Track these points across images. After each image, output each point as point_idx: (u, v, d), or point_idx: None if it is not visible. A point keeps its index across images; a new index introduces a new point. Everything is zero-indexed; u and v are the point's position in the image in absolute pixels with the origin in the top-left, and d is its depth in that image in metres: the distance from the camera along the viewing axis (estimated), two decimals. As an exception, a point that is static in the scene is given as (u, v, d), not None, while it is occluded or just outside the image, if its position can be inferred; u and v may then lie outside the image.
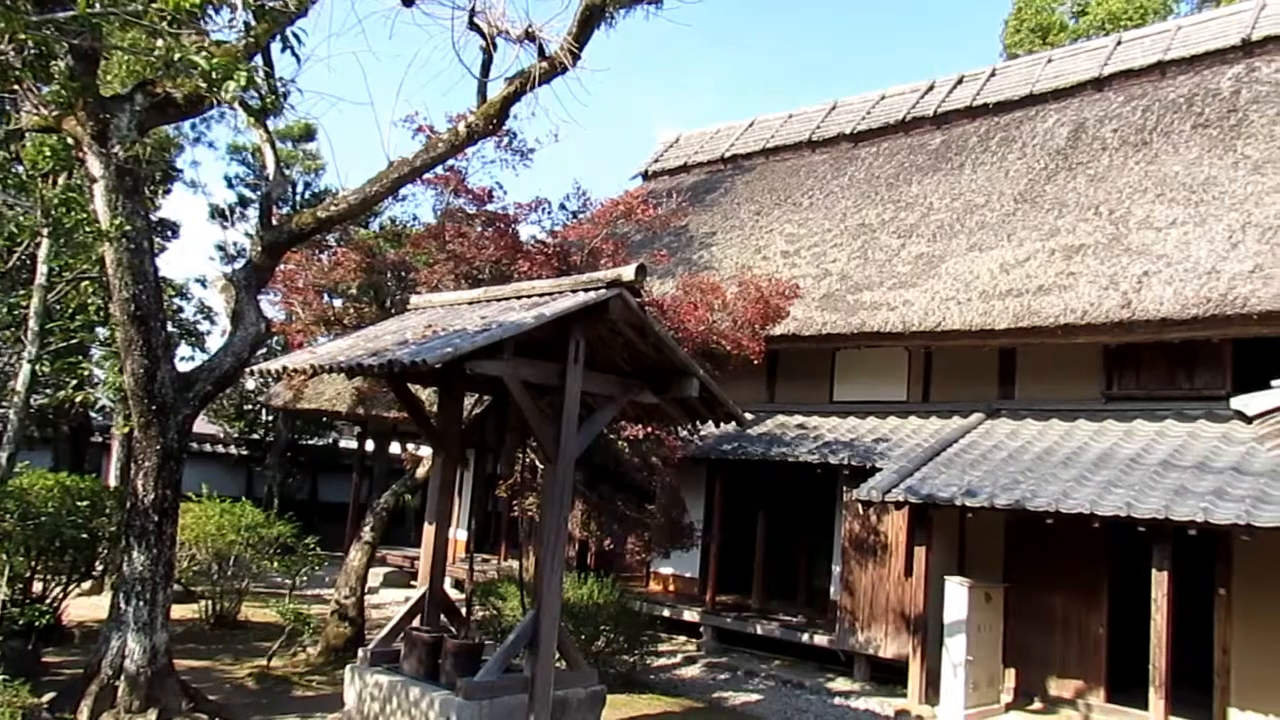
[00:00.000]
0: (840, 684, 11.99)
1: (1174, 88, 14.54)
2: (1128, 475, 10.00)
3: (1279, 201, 11.18)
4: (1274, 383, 4.60)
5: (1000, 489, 10.23)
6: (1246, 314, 10.16)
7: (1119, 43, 16.50)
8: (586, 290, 6.76)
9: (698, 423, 9.10)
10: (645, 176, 21.78)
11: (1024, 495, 9.94)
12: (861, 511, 12.22)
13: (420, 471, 11.89)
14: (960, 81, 17.98)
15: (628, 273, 6.63)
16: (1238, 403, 4.70)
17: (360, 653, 7.97)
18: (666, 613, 14.18)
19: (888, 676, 11.80)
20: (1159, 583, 9.40)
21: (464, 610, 8.53)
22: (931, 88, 18.32)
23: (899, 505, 10.95)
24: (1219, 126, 13.08)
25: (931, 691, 10.80)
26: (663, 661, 12.72)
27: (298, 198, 23.01)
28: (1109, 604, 11.11)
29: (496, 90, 8.31)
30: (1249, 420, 4.67)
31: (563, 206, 11.65)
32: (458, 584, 14.50)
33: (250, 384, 22.87)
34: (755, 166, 19.65)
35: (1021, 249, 12.78)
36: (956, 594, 10.71)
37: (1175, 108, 14.03)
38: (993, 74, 17.81)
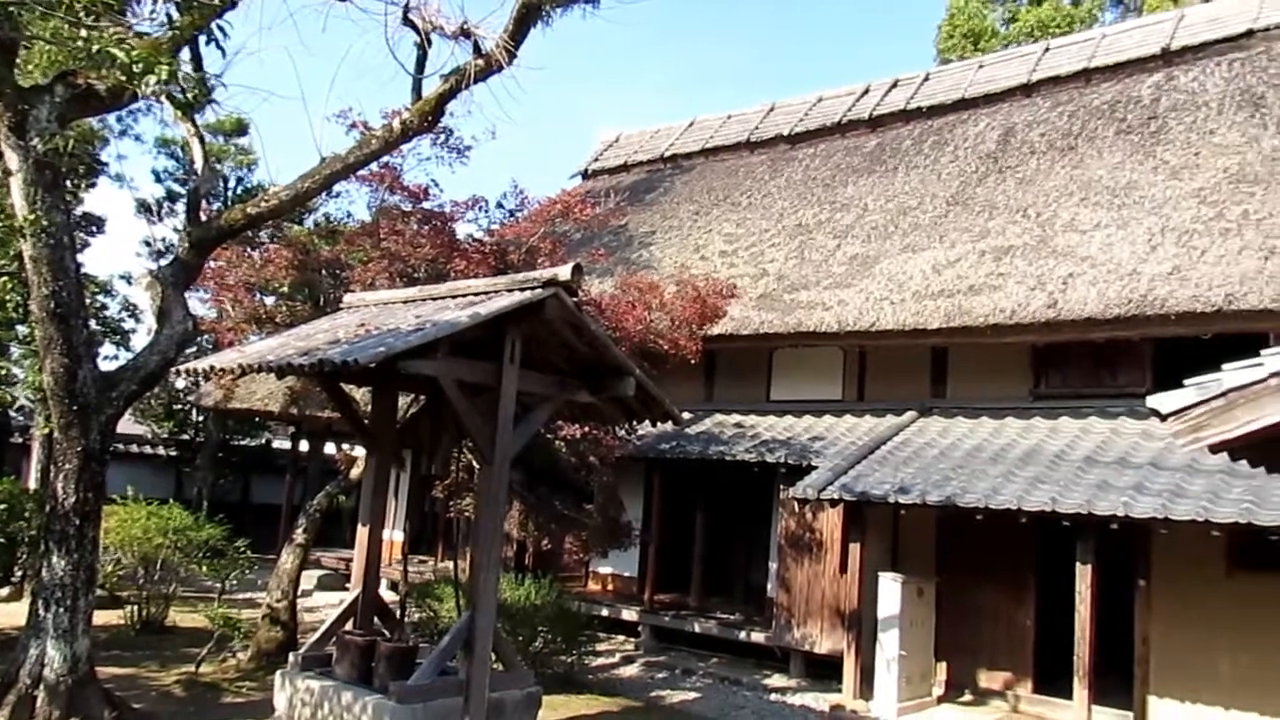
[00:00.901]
0: (777, 680, 12.11)
1: (1098, 94, 14.96)
2: (1053, 471, 10.27)
3: (1195, 206, 11.57)
4: (1187, 382, 4.75)
5: (932, 486, 10.43)
6: (1165, 314, 10.53)
7: (1047, 50, 16.93)
8: (523, 289, 6.73)
9: (635, 422, 9.12)
10: (585, 175, 21.76)
11: (955, 492, 10.15)
12: (797, 509, 12.35)
13: (355, 472, 11.73)
14: (895, 85, 18.29)
15: (564, 272, 6.62)
16: (1153, 401, 4.83)
17: (291, 657, 7.83)
18: (605, 612, 14.18)
19: (823, 672, 11.95)
20: (1083, 576, 9.67)
21: (398, 613, 8.44)
22: (867, 91, 18.60)
23: (834, 503, 11.10)
24: (1140, 132, 13.49)
25: (866, 686, 10.96)
26: (601, 661, 12.71)
27: (229, 193, 22.52)
28: (1036, 597, 11.39)
29: (432, 87, 8.24)
30: (1163, 418, 4.81)
31: (500, 205, 11.59)
32: (394, 586, 14.33)
33: (180, 383, 22.32)
34: (695, 166, 19.76)
35: (953, 250, 13.04)
36: (890, 590, 10.88)
37: (1099, 114, 14.43)
38: (926, 78, 18.14)
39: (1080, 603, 9.64)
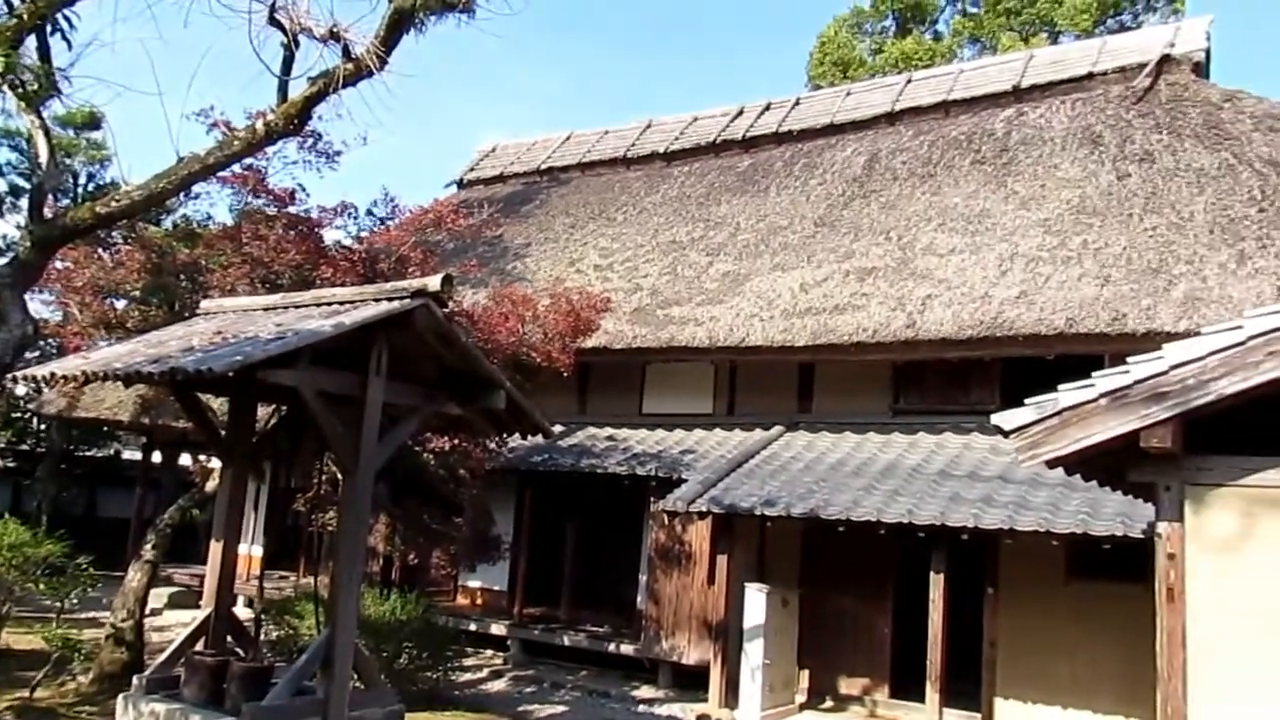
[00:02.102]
0: (645, 692, 12.18)
1: (956, 125, 15.72)
2: (911, 484, 10.71)
3: (1041, 235, 12.29)
4: (1027, 401, 5.05)
5: (797, 498, 10.73)
6: (1013, 336, 11.15)
7: (909, 81, 17.72)
8: (391, 299, 6.60)
9: (505, 434, 9.04)
10: (460, 185, 21.52)
11: (819, 504, 10.47)
12: (667, 522, 12.49)
13: (210, 485, 11.23)
14: (768, 108, 18.79)
15: (434, 282, 6.53)
16: (997, 418, 5.12)
17: (136, 680, 7.42)
18: (474, 627, 13.99)
19: (691, 682, 12.08)
20: (936, 584, 10.11)
21: (254, 631, 8.11)
22: (741, 112, 19.04)
23: (703, 515, 11.29)
24: (993, 164, 14.25)
25: (731, 695, 11.15)
26: (468, 677, 12.53)
27: (79, 190, 21.28)
28: (894, 605, 11.82)
29: (299, 89, 8.01)
30: (1006, 435, 5.10)
31: (370, 212, 11.33)
32: (250, 603, 13.77)
33: (20, 390, 20.93)
34: (571, 180, 19.81)
35: (820, 270, 13.46)
36: (755, 600, 11.11)
37: (957, 144, 15.17)
38: (797, 102, 18.71)
39: (933, 610, 10.07)
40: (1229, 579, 4.85)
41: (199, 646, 7.41)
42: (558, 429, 14.29)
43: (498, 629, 13.96)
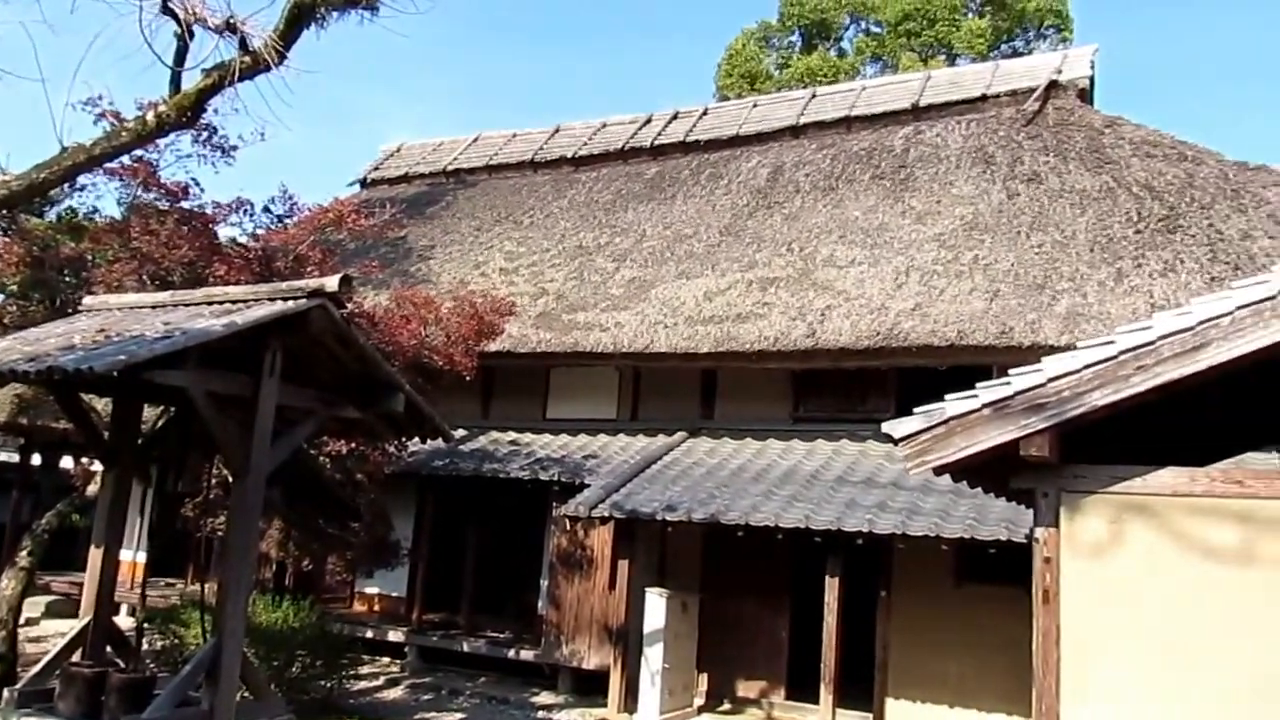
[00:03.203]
0: (545, 698, 12.14)
1: (857, 140, 16.15)
2: (809, 490, 10.94)
3: (936, 249, 12.71)
4: (916, 410, 5.22)
5: (698, 503, 10.85)
6: (908, 346, 11.49)
7: (814, 96, 18.12)
8: (286, 299, 6.44)
9: (405, 438, 8.91)
10: (364, 184, 21.12)
11: (719, 509, 10.61)
12: (570, 527, 12.48)
13: (92, 488, 10.76)
14: (676, 117, 18.97)
15: (331, 283, 6.40)
16: (887, 426, 5.29)
17: (6, 693, 7.05)
18: (370, 634, 13.73)
19: (591, 687, 12.09)
20: (831, 588, 10.34)
21: (136, 640, 7.79)
22: (649, 120, 19.18)
23: (604, 520, 11.32)
24: (892, 179, 14.68)
25: (631, 699, 11.20)
26: (364, 685, 12.30)
27: (-46, 177, 20.09)
28: (791, 609, 12.06)
29: (193, 81, 7.75)
30: (896, 442, 5.27)
31: (267, 209, 11.01)
32: (134, 611, 13.24)
33: (-117, 388, 19.66)
34: (478, 182, 19.65)
35: (724, 279, 13.65)
36: (655, 604, 11.19)
37: (858, 159, 15.58)
38: (705, 113, 18.95)
39: (828, 613, 10.30)
40: (1099, 582, 5.10)
41: (76, 657, 7.09)
42: (460, 433, 14.19)
43: (395, 636, 13.73)
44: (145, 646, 9.92)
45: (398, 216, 14.19)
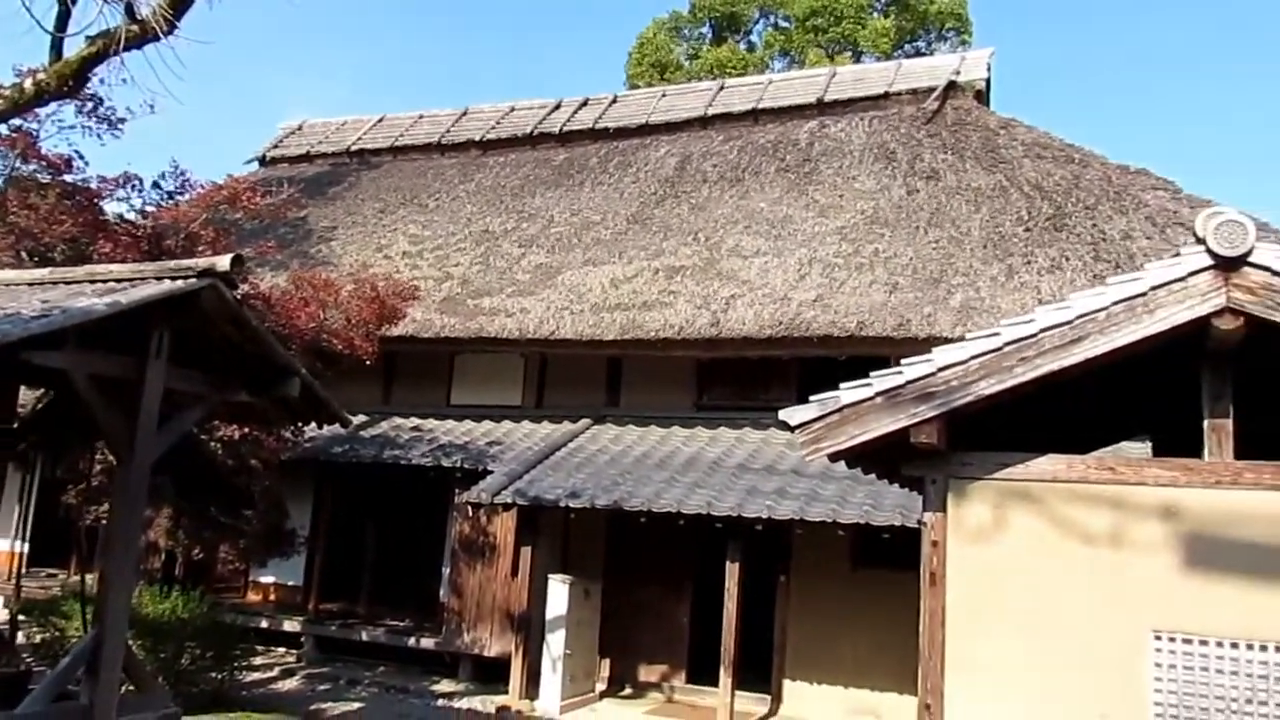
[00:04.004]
0: (445, 686, 12.04)
1: (764, 133, 16.35)
2: (711, 477, 11.08)
3: (838, 242, 12.98)
4: (812, 398, 5.34)
5: (602, 490, 10.88)
6: (809, 337, 11.72)
7: (722, 88, 18.27)
8: (174, 278, 6.21)
9: (301, 424, 8.71)
10: (263, 162, 20.47)
11: (622, 496, 10.66)
12: (472, 514, 12.38)
13: (-36, 476, 10.23)
14: (585, 104, 18.90)
15: (222, 262, 6.20)
16: (784, 414, 5.39)
17: None
18: (265, 624, 13.40)
19: (492, 675, 12.02)
20: (731, 573, 10.49)
21: (9, 633, 7.46)
22: (559, 106, 19.07)
23: (507, 507, 11.27)
24: (796, 172, 14.93)
25: (532, 686, 11.20)
26: (258, 676, 12.01)
27: None
28: (693, 595, 12.21)
29: (76, 48, 7.39)
30: (792, 429, 5.38)
31: (157, 185, 10.56)
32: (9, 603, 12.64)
33: None
34: (383, 164, 19.25)
35: (630, 266, 13.69)
36: (558, 591, 11.20)
37: (764, 151, 15.79)
38: (614, 100, 18.93)
39: (729, 598, 10.45)
40: (983, 564, 5.30)
41: (-57, 652, 6.76)
42: (361, 419, 13.93)
43: (291, 626, 13.43)
44: (23, 640, 9.52)
45: (297, 196, 13.82)
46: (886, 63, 19.74)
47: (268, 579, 14.45)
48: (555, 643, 11.06)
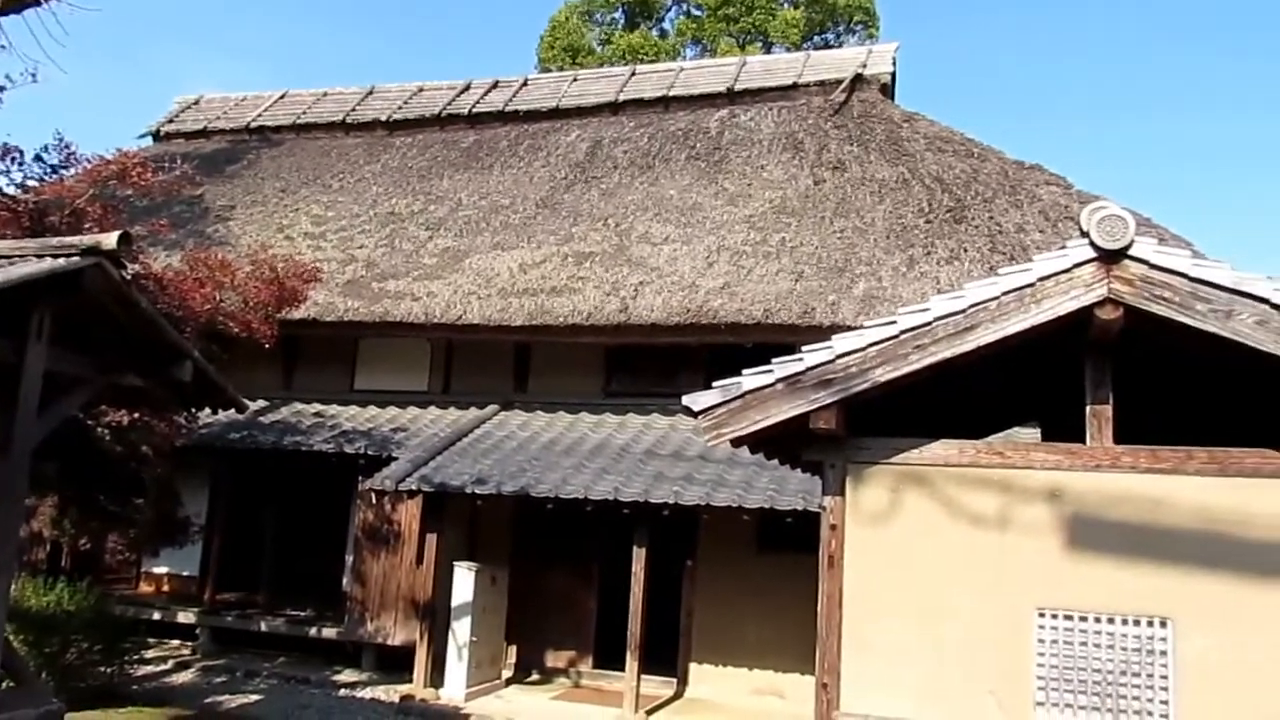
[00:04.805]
0: (348, 675, 11.86)
1: (675, 121, 16.40)
2: (618, 463, 11.12)
3: (746, 230, 13.12)
4: (715, 384, 5.40)
5: (508, 477, 10.82)
6: (717, 324, 11.84)
7: (634, 74, 18.24)
8: (57, 256, 5.91)
9: (195, 409, 8.43)
10: (156, 137, 19.65)
11: (529, 482, 10.62)
12: (376, 501, 12.18)
13: None
14: (495, 86, 18.66)
15: (109, 240, 5.93)
16: (687, 400, 5.44)
17: None
18: (159, 616, 12.99)
19: (396, 664, 11.88)
20: (638, 558, 10.55)
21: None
22: (468, 87, 18.79)
23: (412, 494, 11.12)
24: (706, 160, 15.02)
25: (437, 675, 11.09)
26: (150, 669, 11.66)
27: None
28: (600, 580, 12.25)
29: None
30: (695, 415, 5.43)
31: (39, 158, 10.01)
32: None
33: None
34: (284, 142, 18.68)
35: (539, 251, 13.61)
36: (464, 578, 11.11)
37: (675, 139, 15.84)
38: (525, 83, 18.74)
39: (635, 583, 10.51)
40: (880, 546, 5.45)
41: None
42: (261, 404, 13.57)
43: (186, 617, 13.02)
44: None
45: (193, 174, 13.28)
46: (796, 54, 19.94)
47: (161, 569, 13.99)
48: (461, 630, 10.98)
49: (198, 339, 9.02)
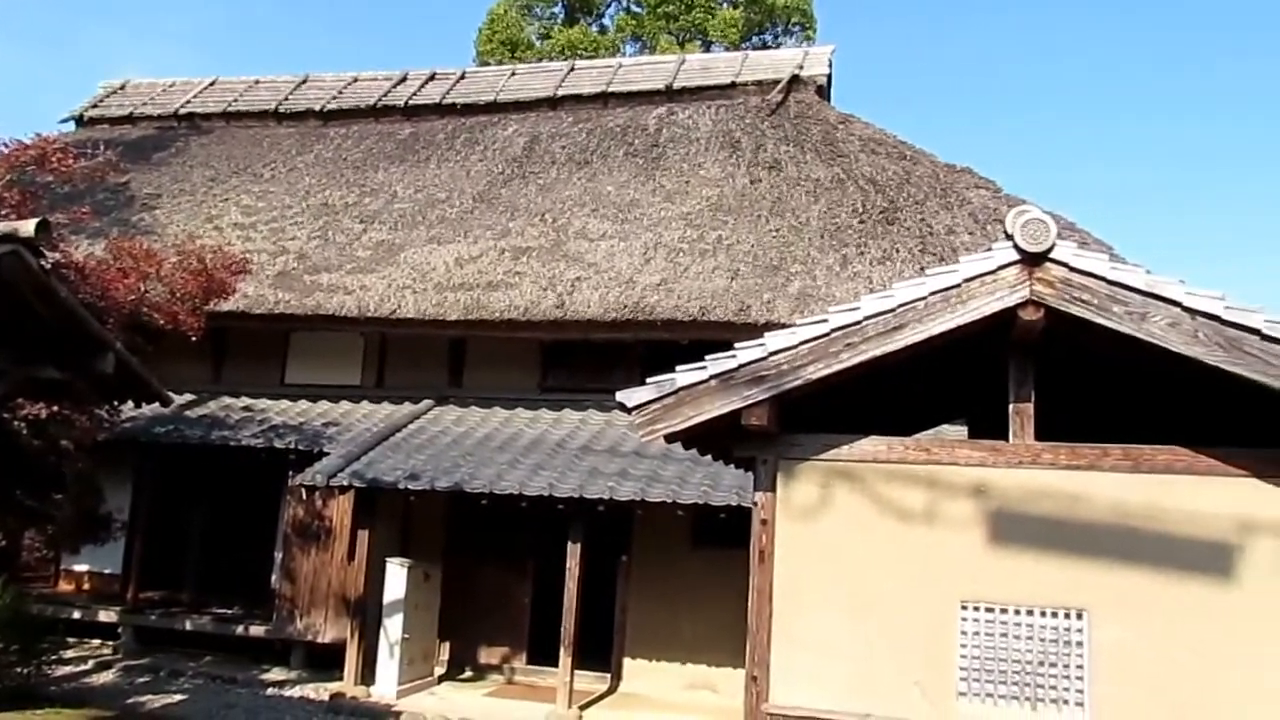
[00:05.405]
0: (276, 674, 11.66)
1: (613, 117, 16.40)
2: (554, 459, 11.10)
3: (683, 228, 13.19)
4: (649, 380, 5.44)
5: (442, 472, 10.74)
6: (654, 320, 11.90)
7: (573, 69, 18.20)
8: (-29, 243, 5.73)
9: (117, 402, 8.20)
10: (80, 122, 19.03)
11: (463, 478, 10.56)
12: (306, 497, 11.97)
13: None
14: (432, 78, 18.46)
15: (26, 227, 5.74)
16: (621, 396, 5.48)
17: None
18: (79, 615, 12.64)
19: (326, 662, 11.70)
20: (573, 554, 10.56)
21: None
22: (404, 79, 18.55)
23: (344, 489, 10.99)
24: (644, 157, 15.06)
25: (368, 672, 10.98)
26: (70, 670, 11.36)
27: None
28: (534, 576, 12.23)
29: None
30: (629, 411, 5.47)
31: (-50, 143, 9.68)
32: None
33: None
34: (214, 130, 18.24)
35: (476, 246, 13.51)
36: (396, 575, 11.00)
37: (613, 135, 15.85)
38: (463, 76, 18.58)
39: (570, 579, 10.51)
40: (810, 541, 5.54)
41: None
42: (188, 398, 13.28)
43: (108, 616, 12.67)
44: None
45: (117, 161, 12.92)
46: (734, 53, 20.11)
47: (81, 567, 13.61)
48: (393, 627, 10.87)
49: (121, 330, 8.77)
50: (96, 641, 12.72)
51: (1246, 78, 49.24)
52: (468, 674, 12.12)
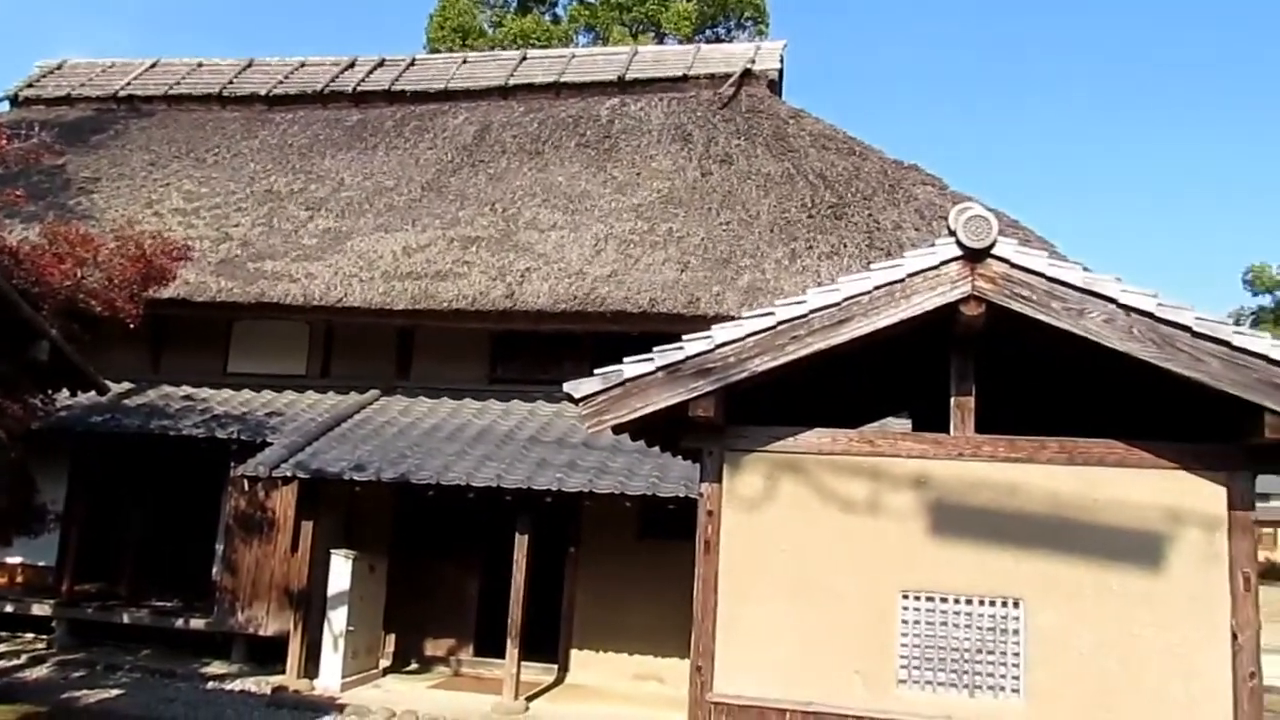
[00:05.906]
0: (216, 668, 11.51)
1: (565, 107, 16.33)
2: (502, 450, 11.06)
3: (634, 220, 13.19)
4: (596, 371, 5.44)
5: (389, 463, 10.64)
6: (603, 312, 11.89)
7: (525, 58, 18.09)
8: (-103, 225, 5.55)
9: (52, 391, 8.00)
10: (14, 102, 18.47)
11: (410, 469, 10.47)
12: (249, 488, 11.81)
13: None
14: (381, 64, 18.22)
15: (-44, 210, 5.59)
16: (569, 387, 5.47)
17: None
18: (10, 608, 12.37)
19: (268, 655, 11.57)
20: (520, 545, 10.54)
21: None
22: (353, 64, 18.29)
23: (287, 480, 10.84)
24: (596, 148, 15.02)
25: (312, 665, 10.86)
26: (1, 665, 11.08)
27: None
28: (482, 568, 12.19)
29: None
30: (576, 402, 5.46)
31: (-123, 121, 9.35)
32: None
33: None
34: (156, 113, 17.81)
35: (424, 234, 13.39)
36: (340, 567, 10.89)
37: (565, 125, 15.78)
38: (412, 63, 18.36)
39: (517, 570, 10.49)
40: (755, 532, 5.58)
41: None
42: (125, 387, 13.02)
43: (41, 609, 12.40)
44: None
45: (53, 143, 12.58)
46: (687, 46, 20.13)
47: (14, 559, 13.24)
48: (337, 619, 10.76)
49: (56, 317, 8.55)
50: (30, 636, 12.45)
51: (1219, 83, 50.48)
52: (414, 666, 12.05)
